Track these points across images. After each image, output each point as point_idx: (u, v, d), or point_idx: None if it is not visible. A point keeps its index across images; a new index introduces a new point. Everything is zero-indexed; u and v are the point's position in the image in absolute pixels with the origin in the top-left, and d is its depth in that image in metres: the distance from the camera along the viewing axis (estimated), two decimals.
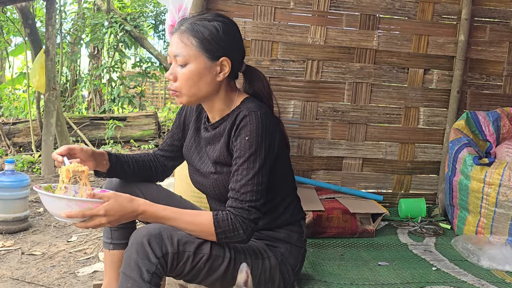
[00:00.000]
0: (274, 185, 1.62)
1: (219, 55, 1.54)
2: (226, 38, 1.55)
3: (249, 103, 1.58)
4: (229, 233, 1.47)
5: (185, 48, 1.52)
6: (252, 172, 1.49)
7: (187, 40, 1.52)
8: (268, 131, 1.53)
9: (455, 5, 2.93)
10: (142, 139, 7.40)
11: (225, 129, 1.59)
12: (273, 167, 1.58)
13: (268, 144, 1.52)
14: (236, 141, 1.53)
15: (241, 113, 1.54)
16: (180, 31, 1.55)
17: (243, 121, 1.52)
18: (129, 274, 1.39)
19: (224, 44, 1.54)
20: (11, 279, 2.62)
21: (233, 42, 1.58)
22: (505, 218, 2.35)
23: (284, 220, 1.70)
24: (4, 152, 6.23)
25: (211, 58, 1.53)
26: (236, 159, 1.52)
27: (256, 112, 1.52)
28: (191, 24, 1.54)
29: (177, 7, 2.51)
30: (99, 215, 1.40)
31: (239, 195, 1.49)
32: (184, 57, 1.52)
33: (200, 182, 1.70)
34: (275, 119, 1.61)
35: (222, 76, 1.56)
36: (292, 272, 1.70)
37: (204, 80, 1.54)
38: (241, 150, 1.51)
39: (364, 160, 2.98)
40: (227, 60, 1.55)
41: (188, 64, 1.53)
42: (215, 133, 1.64)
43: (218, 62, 1.54)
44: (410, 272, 2.07)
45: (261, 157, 1.50)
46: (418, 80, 2.96)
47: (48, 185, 1.54)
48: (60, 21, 7.46)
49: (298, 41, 2.84)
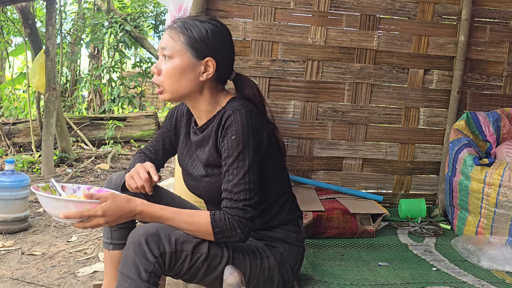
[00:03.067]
0: (267, 184, 1.62)
1: (204, 55, 1.55)
2: (214, 40, 1.56)
3: (233, 102, 1.59)
4: (227, 232, 1.47)
5: (172, 42, 1.56)
6: (243, 171, 1.49)
7: (176, 36, 1.56)
8: (255, 128, 1.53)
9: (455, 5, 2.93)
10: (142, 139, 7.40)
11: (212, 130, 1.59)
12: (264, 165, 1.58)
13: (255, 141, 1.52)
14: (223, 141, 1.53)
15: (226, 112, 1.54)
16: (171, 28, 1.59)
17: (228, 120, 1.52)
18: (127, 273, 1.39)
19: (211, 45, 1.56)
20: (11, 279, 2.62)
21: (221, 45, 1.59)
22: (505, 219, 2.35)
23: (281, 219, 1.70)
24: (4, 152, 6.23)
25: (196, 57, 1.55)
26: (225, 159, 1.52)
27: (241, 110, 1.52)
28: (182, 23, 1.58)
29: (177, 7, 2.51)
30: (97, 216, 1.40)
31: (233, 195, 1.49)
32: (169, 50, 1.55)
33: (193, 186, 1.71)
34: (261, 116, 1.61)
35: (205, 76, 1.57)
36: (291, 272, 1.70)
37: (187, 77, 1.55)
38: (229, 150, 1.51)
39: (364, 160, 2.98)
40: (212, 61, 1.56)
41: (173, 58, 1.55)
42: (203, 136, 1.64)
43: (203, 61, 1.56)
44: (410, 272, 2.07)
45: (250, 154, 1.50)
46: (418, 80, 2.96)
47: (46, 184, 1.53)
48: (60, 21, 7.46)
49: (298, 42, 2.84)
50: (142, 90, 9.58)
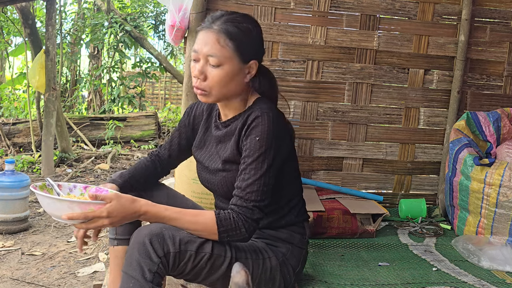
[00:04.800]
0: (281, 187, 1.63)
1: (250, 58, 1.57)
2: (256, 41, 1.59)
3: (261, 104, 1.60)
4: (231, 231, 1.47)
5: (221, 49, 1.52)
6: (260, 173, 1.50)
7: (224, 42, 1.52)
8: (279, 133, 1.54)
9: (456, 5, 2.93)
10: (142, 139, 7.40)
11: (236, 127, 1.60)
12: (281, 169, 1.59)
13: (277, 147, 1.53)
14: (246, 140, 1.54)
15: (253, 113, 1.55)
16: (213, 31, 1.53)
17: (255, 121, 1.53)
18: (131, 273, 1.39)
19: (255, 47, 1.58)
20: (11, 280, 2.62)
21: (261, 44, 1.62)
22: (505, 219, 2.35)
23: (288, 221, 1.70)
24: (4, 152, 6.23)
25: (243, 61, 1.55)
26: (244, 158, 1.53)
27: (269, 114, 1.53)
28: (225, 24, 1.53)
29: (177, 7, 2.51)
30: (101, 217, 1.39)
31: (244, 193, 1.50)
32: (218, 58, 1.52)
33: (208, 179, 1.71)
34: (285, 122, 1.63)
35: (249, 77, 1.59)
36: (293, 273, 1.70)
37: (235, 82, 1.56)
38: (250, 150, 1.52)
39: (365, 160, 2.97)
40: (255, 62, 1.59)
41: (222, 65, 1.53)
42: (226, 132, 1.65)
43: (248, 64, 1.57)
44: (410, 272, 2.07)
45: (269, 158, 1.51)
46: (419, 80, 2.96)
47: (42, 183, 1.51)
48: (60, 21, 7.46)
49: (299, 42, 2.84)
50: (142, 90, 9.58)
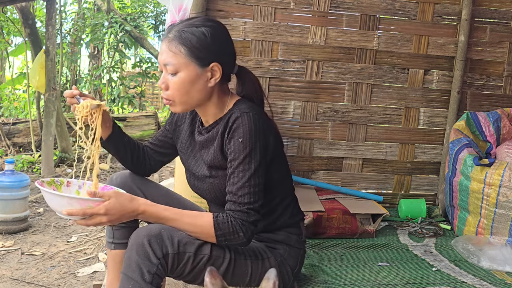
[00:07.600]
0: (272, 186, 1.61)
1: (209, 61, 1.52)
2: (215, 43, 1.53)
3: (241, 105, 1.57)
4: (229, 235, 1.47)
5: (174, 56, 1.50)
6: (248, 174, 1.48)
7: (176, 48, 1.50)
8: (262, 131, 1.52)
9: (456, 5, 2.93)
10: (142, 139, 7.40)
11: (218, 132, 1.58)
12: (270, 168, 1.57)
13: (262, 145, 1.51)
14: (229, 143, 1.52)
15: (233, 115, 1.52)
16: (168, 39, 1.52)
17: (235, 122, 1.50)
18: (130, 275, 1.39)
19: (214, 49, 1.53)
20: (11, 279, 2.62)
21: (222, 46, 1.56)
22: (505, 219, 2.35)
23: (283, 222, 1.70)
24: (4, 152, 6.22)
25: (202, 65, 1.51)
26: (231, 162, 1.51)
27: (248, 113, 1.51)
28: (178, 32, 1.52)
29: (177, 7, 2.51)
30: (99, 214, 1.40)
31: (237, 198, 1.48)
32: (174, 65, 1.50)
33: (197, 186, 1.70)
34: (268, 119, 1.60)
35: (213, 81, 1.55)
36: (291, 273, 1.70)
37: (196, 88, 1.53)
38: (235, 153, 1.50)
39: (364, 160, 2.97)
40: (217, 65, 1.53)
41: (179, 72, 1.51)
42: (208, 137, 1.62)
43: (209, 68, 1.53)
44: (410, 272, 2.07)
45: (256, 158, 1.49)
46: (418, 80, 2.96)
47: (51, 179, 1.54)
48: (60, 21, 7.45)
49: (298, 42, 2.84)
50: (142, 90, 9.57)
